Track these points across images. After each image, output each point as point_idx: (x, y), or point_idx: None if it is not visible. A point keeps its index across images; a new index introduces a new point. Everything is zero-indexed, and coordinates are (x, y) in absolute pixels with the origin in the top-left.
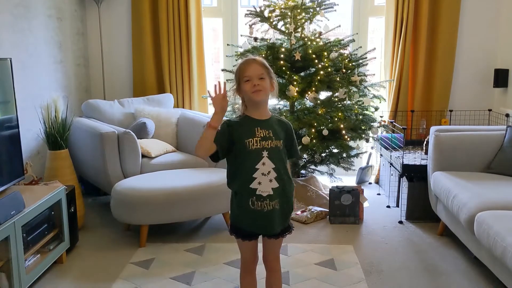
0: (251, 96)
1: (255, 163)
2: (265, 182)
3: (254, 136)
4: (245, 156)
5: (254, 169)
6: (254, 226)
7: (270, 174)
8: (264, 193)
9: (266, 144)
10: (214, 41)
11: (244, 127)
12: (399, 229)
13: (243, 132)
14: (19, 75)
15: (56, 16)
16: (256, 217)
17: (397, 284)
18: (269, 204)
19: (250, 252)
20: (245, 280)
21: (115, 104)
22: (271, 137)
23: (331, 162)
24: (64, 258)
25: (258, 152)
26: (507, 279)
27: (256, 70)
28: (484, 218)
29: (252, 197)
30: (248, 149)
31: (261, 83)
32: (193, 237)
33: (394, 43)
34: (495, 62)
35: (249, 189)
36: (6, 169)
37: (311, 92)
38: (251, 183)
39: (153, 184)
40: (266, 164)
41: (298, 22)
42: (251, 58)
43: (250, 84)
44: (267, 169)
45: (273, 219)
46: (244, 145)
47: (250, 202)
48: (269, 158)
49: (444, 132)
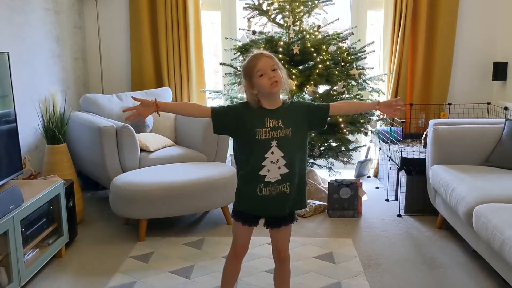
0: (270, 89)
1: (264, 152)
2: (274, 169)
3: (264, 126)
4: (254, 145)
5: (263, 158)
6: (262, 211)
7: (279, 162)
8: (273, 179)
9: (275, 134)
10: (212, 34)
11: (255, 116)
12: (398, 222)
13: (253, 121)
14: (16, 69)
15: (53, 10)
16: (264, 203)
17: (396, 277)
18: (277, 187)
19: (245, 238)
20: (232, 267)
21: (113, 98)
22: (281, 127)
23: (329, 155)
24: (63, 253)
25: (267, 142)
26: (505, 272)
27: (267, 62)
28: (482, 211)
29: (260, 184)
30: (258, 139)
31: (276, 74)
32: (192, 231)
33: (393, 36)
34: (494, 55)
35: (258, 176)
36: (4, 163)
37: (309, 86)
38: (260, 171)
39: (151, 178)
40: (275, 153)
41: (297, 15)
42: (259, 53)
43: (266, 77)
44: (276, 157)
45: (283, 201)
46: (254, 134)
47: (258, 189)
48: (277, 147)
49: (442, 125)
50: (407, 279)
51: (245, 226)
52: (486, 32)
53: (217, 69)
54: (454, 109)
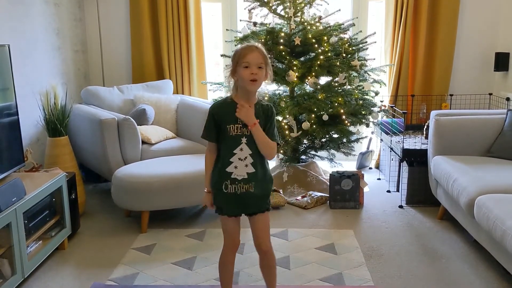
0: (247, 84)
1: (233, 148)
2: (241, 166)
3: (236, 122)
4: (225, 140)
5: (232, 154)
6: (228, 208)
7: (246, 159)
8: (239, 176)
9: (246, 131)
10: (213, 26)
11: (227, 113)
12: (399, 213)
13: (226, 117)
14: (17, 62)
15: (53, 2)
16: (230, 200)
17: (397, 268)
18: (243, 187)
19: (234, 229)
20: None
21: (114, 90)
22: None
23: (331, 147)
24: (65, 245)
25: (237, 138)
26: (506, 262)
27: (256, 59)
28: (484, 202)
29: (226, 180)
30: (229, 134)
31: (259, 72)
32: (194, 223)
33: (395, 27)
34: (495, 45)
35: (225, 172)
36: (6, 156)
37: (311, 77)
38: (228, 167)
39: (153, 170)
40: (243, 150)
41: (298, 6)
42: (254, 45)
43: (248, 71)
44: (244, 154)
45: (247, 200)
46: (226, 130)
47: (224, 186)
48: (247, 144)
49: (444, 116)
50: (409, 270)
51: (232, 217)
52: (487, 22)
53: (218, 61)
54: (455, 100)
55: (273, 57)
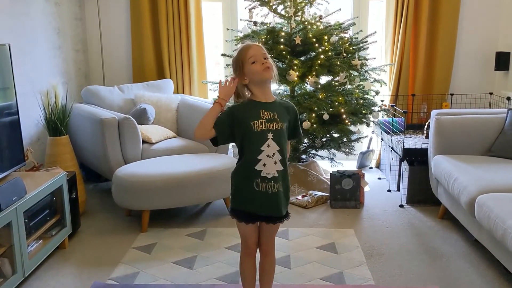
0: (262, 74)
1: (260, 145)
2: (270, 164)
3: (259, 118)
4: (250, 137)
5: (259, 151)
6: (260, 208)
7: (275, 156)
8: (269, 175)
9: (271, 126)
10: (213, 25)
11: (249, 110)
12: (400, 212)
13: (248, 115)
14: (18, 61)
15: (53, 1)
16: (262, 199)
17: (398, 267)
18: (274, 186)
19: (253, 235)
20: (246, 264)
21: (114, 90)
22: (276, 119)
23: (331, 146)
24: (66, 244)
25: (263, 134)
26: (507, 261)
27: (259, 50)
28: (484, 201)
29: (257, 179)
30: (254, 131)
31: (268, 61)
32: (194, 222)
33: (395, 26)
34: (496, 45)
35: (254, 170)
36: (6, 155)
37: (311, 77)
38: (256, 165)
39: (154, 169)
40: (271, 146)
41: (298, 6)
42: (250, 43)
43: (258, 64)
44: (272, 151)
45: (279, 201)
46: (250, 127)
47: (255, 184)
48: (274, 140)
49: (445, 115)
50: (409, 269)
51: (250, 224)
52: (488, 22)
53: (219, 61)
54: (456, 99)
55: (274, 56)
